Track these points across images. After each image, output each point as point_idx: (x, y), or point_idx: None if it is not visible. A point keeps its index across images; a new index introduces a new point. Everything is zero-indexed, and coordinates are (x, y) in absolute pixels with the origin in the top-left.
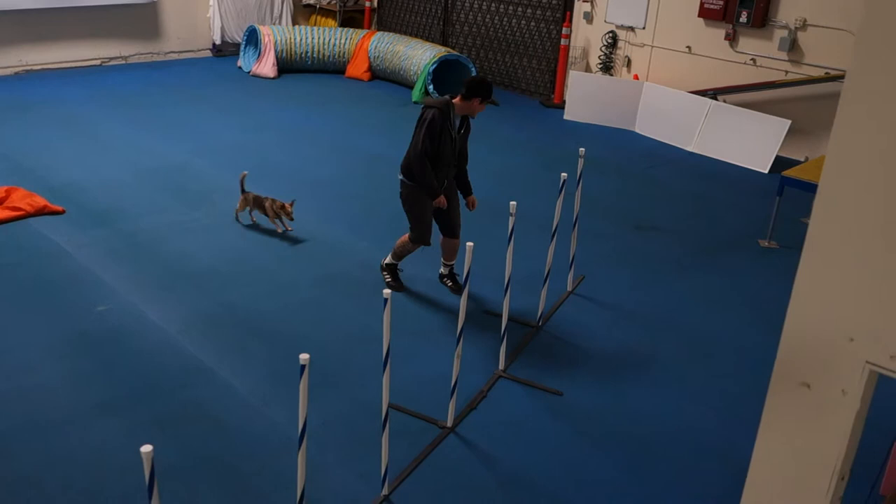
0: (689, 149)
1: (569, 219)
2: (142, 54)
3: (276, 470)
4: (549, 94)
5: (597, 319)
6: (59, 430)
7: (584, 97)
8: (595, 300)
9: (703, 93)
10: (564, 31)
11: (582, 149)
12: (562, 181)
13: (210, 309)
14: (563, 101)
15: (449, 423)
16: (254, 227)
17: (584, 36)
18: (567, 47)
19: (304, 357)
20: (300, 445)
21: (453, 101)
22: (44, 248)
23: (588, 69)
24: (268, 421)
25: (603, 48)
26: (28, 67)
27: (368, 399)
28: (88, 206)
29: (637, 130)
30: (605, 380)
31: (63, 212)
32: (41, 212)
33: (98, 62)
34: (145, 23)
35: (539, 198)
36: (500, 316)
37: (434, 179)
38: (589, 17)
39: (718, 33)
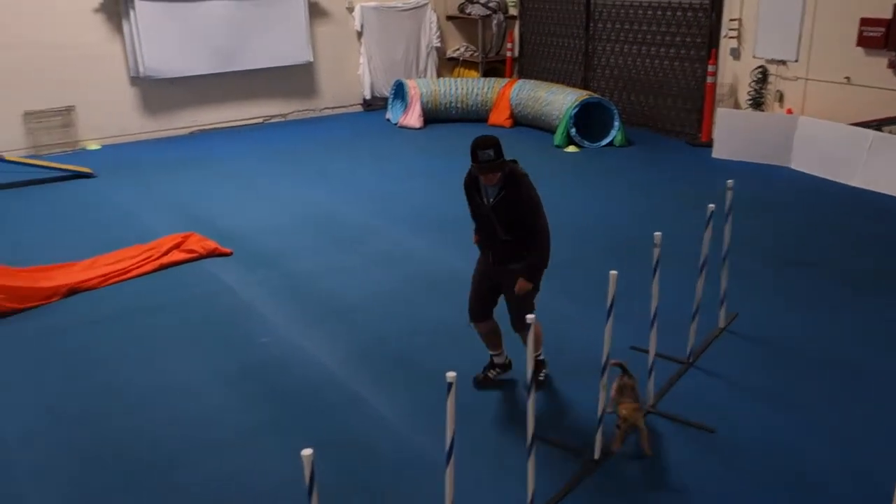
0: (852, 183)
1: (717, 255)
2: (299, 111)
3: (426, 492)
4: (695, 133)
5: (751, 356)
6: (221, 450)
7: (734, 134)
8: (748, 337)
9: (865, 124)
10: (710, 68)
11: (730, 181)
12: (709, 212)
13: (363, 342)
14: (711, 140)
15: (595, 456)
16: (400, 265)
17: (732, 72)
18: (713, 84)
19: (451, 375)
20: (448, 461)
21: None
22: (214, 286)
23: (737, 106)
24: (416, 448)
25: (752, 84)
26: (200, 127)
27: (515, 429)
28: (252, 249)
29: (793, 166)
30: (761, 417)
31: (231, 254)
32: (212, 254)
33: (261, 120)
34: (302, 82)
35: (684, 237)
36: (647, 352)
37: (478, 236)
38: (736, 54)
39: (880, 62)
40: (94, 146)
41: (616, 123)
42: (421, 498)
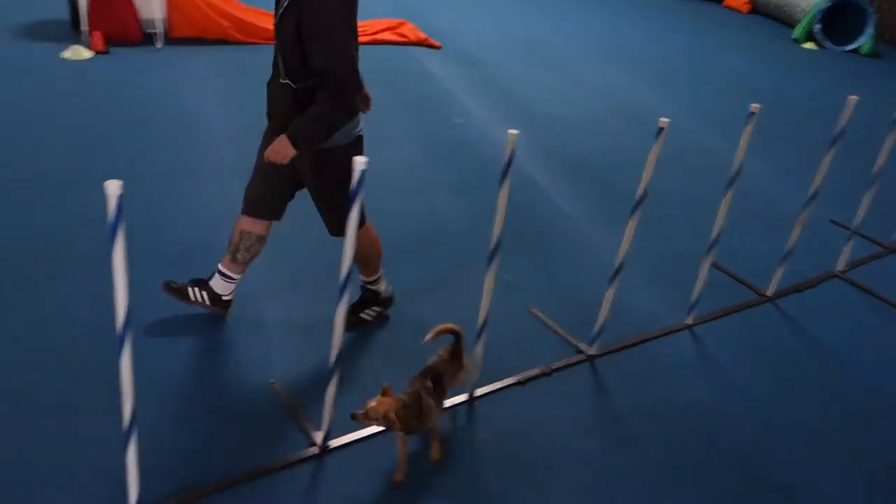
0: None
1: None
2: None
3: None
4: None
5: None
6: (407, 196)
7: None
8: None
9: None
10: None
11: None
12: None
13: (549, 143)
14: None
15: (769, 293)
16: (596, 92)
17: None
18: None
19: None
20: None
21: None
22: (418, 69)
23: None
24: (591, 244)
25: None
26: None
27: (691, 251)
28: (459, 49)
29: None
30: None
31: (439, 47)
32: (422, 43)
33: None
34: None
35: None
36: (847, 227)
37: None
38: None
39: None
40: None
41: (869, 29)
42: (571, 248)
